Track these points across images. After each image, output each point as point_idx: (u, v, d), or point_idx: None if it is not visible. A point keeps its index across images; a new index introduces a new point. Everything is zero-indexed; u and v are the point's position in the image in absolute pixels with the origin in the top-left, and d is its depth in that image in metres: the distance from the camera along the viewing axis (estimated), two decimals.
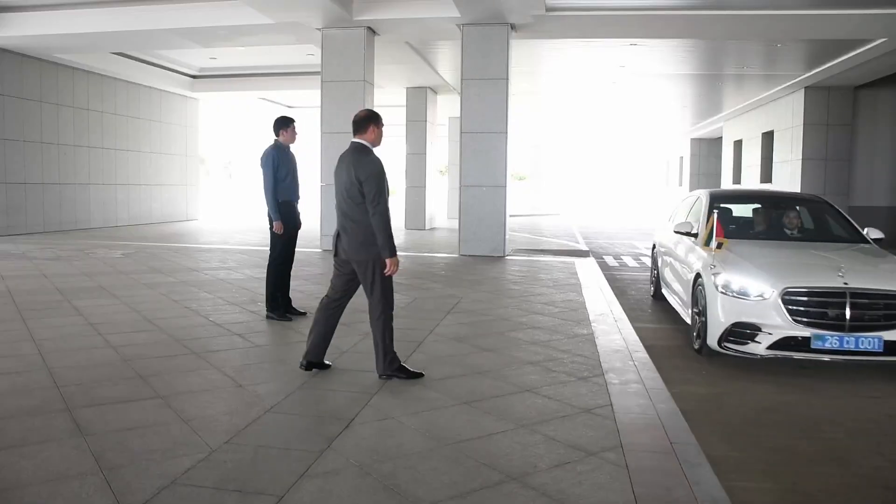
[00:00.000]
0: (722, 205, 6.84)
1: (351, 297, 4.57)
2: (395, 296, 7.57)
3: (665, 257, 7.86)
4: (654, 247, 8.88)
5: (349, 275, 4.44)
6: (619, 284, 9.82)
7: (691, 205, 7.60)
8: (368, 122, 4.28)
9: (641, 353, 5.29)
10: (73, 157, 16.68)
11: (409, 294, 7.83)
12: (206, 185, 28.69)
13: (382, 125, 4.39)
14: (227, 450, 3.20)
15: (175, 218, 20.77)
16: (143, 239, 14.45)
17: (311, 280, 8.77)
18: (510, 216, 12.35)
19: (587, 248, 14.71)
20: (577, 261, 11.59)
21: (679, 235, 6.97)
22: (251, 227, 18.97)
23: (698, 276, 5.83)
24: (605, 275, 10.21)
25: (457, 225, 12.37)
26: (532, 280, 9.23)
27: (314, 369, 4.51)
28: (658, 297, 8.34)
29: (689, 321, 6.23)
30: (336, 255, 4.41)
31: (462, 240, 11.98)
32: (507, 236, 11.99)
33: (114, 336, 5.47)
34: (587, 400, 4.08)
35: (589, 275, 9.82)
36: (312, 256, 11.45)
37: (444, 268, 10.42)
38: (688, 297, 6.21)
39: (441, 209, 22.54)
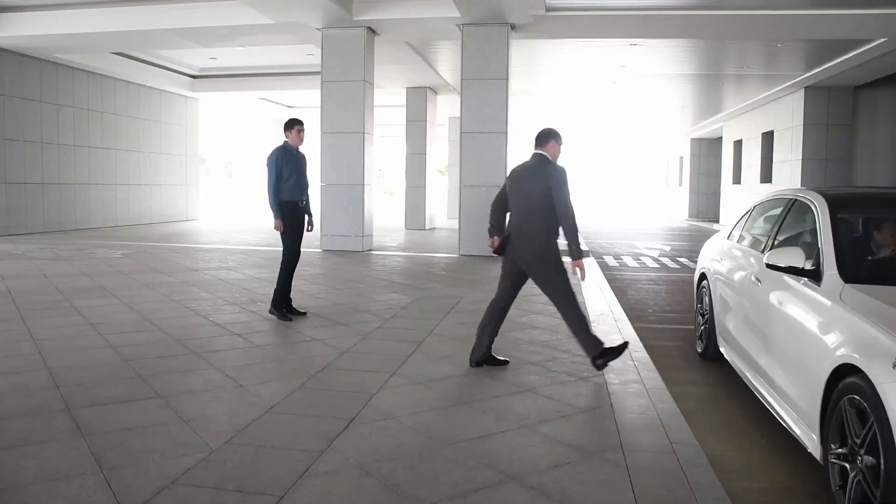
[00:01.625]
0: (848, 215, 4.08)
1: (514, 299, 4.87)
2: (396, 296, 7.63)
3: (732, 300, 4.89)
4: (701, 277, 5.92)
5: (517, 276, 4.70)
6: (619, 284, 9.82)
7: (782, 215, 4.60)
8: (549, 137, 4.64)
9: (641, 353, 5.29)
10: (73, 157, 16.68)
11: (409, 294, 7.83)
12: (206, 185, 28.67)
13: (562, 143, 4.69)
14: (227, 450, 3.20)
15: (175, 218, 20.77)
16: (143, 239, 14.45)
17: (310, 280, 8.77)
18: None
19: (587, 248, 14.70)
20: None
21: (777, 272, 3.88)
22: (251, 227, 18.96)
23: (849, 370, 2.83)
24: (605, 275, 10.21)
25: (457, 225, 12.36)
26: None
27: (484, 365, 4.75)
28: (711, 356, 5.41)
29: (807, 445, 3.27)
30: (504, 257, 4.68)
31: (462, 240, 11.98)
32: None
33: (114, 336, 5.47)
34: (587, 400, 4.08)
35: (589, 275, 9.81)
36: (312, 256, 11.44)
37: (444, 268, 10.42)
38: (813, 409, 3.13)
39: (441, 209, 22.55)
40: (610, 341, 4.82)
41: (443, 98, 19.77)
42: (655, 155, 41.00)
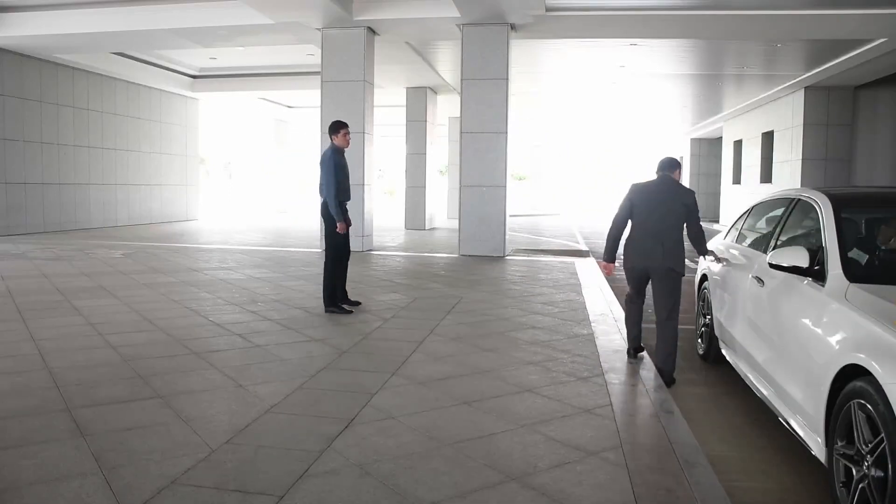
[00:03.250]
0: (852, 215, 4.08)
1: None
2: (395, 296, 7.63)
3: (733, 302, 4.86)
4: (702, 279, 5.89)
5: (645, 282, 5.11)
6: (619, 284, 9.81)
7: (784, 215, 4.55)
8: (677, 166, 5.21)
9: (641, 353, 5.28)
10: (73, 157, 16.68)
11: (409, 294, 7.83)
12: (206, 185, 28.69)
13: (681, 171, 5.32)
14: (227, 450, 3.20)
15: (175, 218, 20.77)
16: (143, 239, 14.45)
17: (311, 280, 8.77)
18: (510, 216, 12.35)
19: (587, 248, 14.71)
20: (577, 261, 11.59)
21: (780, 272, 3.87)
22: (251, 227, 18.97)
23: (855, 371, 2.80)
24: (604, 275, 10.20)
25: (457, 225, 12.37)
26: (532, 280, 9.23)
27: (639, 354, 5.20)
28: (713, 358, 5.39)
29: (811, 447, 3.22)
30: (631, 267, 5.10)
31: (462, 240, 11.98)
32: (507, 236, 11.99)
33: (114, 336, 5.47)
34: (587, 400, 4.08)
35: (589, 275, 9.81)
36: (312, 256, 11.45)
37: (444, 268, 10.42)
38: (818, 411, 3.09)
39: (441, 209, 22.55)
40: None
41: (443, 98, 19.77)
42: (655, 155, 41.02)
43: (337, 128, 6.70)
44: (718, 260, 5.37)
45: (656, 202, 5.00)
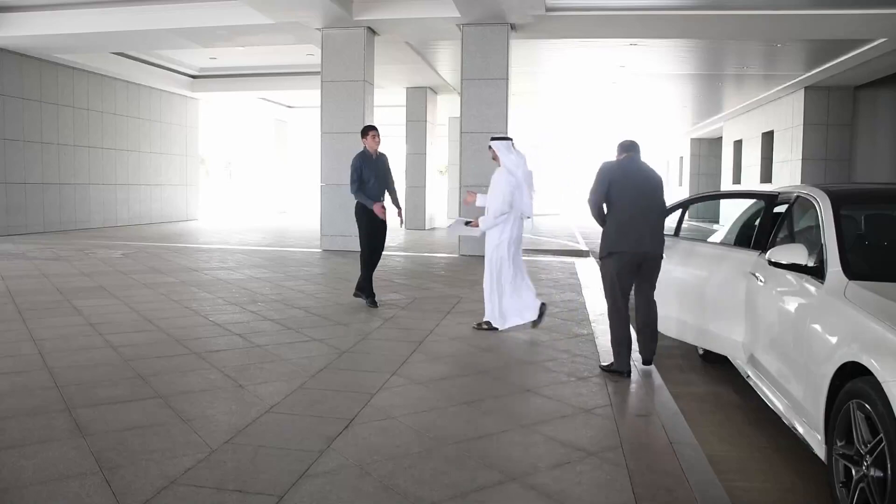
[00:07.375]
0: (851, 212, 3.98)
1: None
2: (395, 296, 7.63)
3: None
4: None
5: (636, 273, 4.71)
6: None
7: (784, 212, 4.51)
8: (639, 148, 5.03)
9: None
10: (73, 157, 16.68)
11: (409, 294, 7.83)
12: (206, 185, 28.66)
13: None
14: (227, 450, 3.20)
15: (175, 218, 20.77)
16: (143, 239, 14.45)
17: (310, 280, 8.77)
18: None
19: (587, 248, 14.70)
20: (577, 261, 11.59)
21: (780, 270, 3.81)
22: (251, 227, 18.97)
23: (855, 369, 2.79)
24: None
25: None
26: (532, 280, 9.20)
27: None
28: (714, 357, 5.34)
29: (811, 444, 3.23)
30: (620, 256, 4.61)
31: (462, 240, 11.98)
32: None
33: (114, 336, 5.47)
34: (587, 400, 4.08)
35: (589, 275, 9.81)
36: (312, 256, 11.44)
37: (444, 268, 10.42)
38: (817, 408, 3.09)
39: (441, 209, 22.54)
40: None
41: (443, 98, 19.76)
42: (655, 155, 40.99)
43: (366, 131, 7.04)
44: None
45: (638, 184, 4.74)
